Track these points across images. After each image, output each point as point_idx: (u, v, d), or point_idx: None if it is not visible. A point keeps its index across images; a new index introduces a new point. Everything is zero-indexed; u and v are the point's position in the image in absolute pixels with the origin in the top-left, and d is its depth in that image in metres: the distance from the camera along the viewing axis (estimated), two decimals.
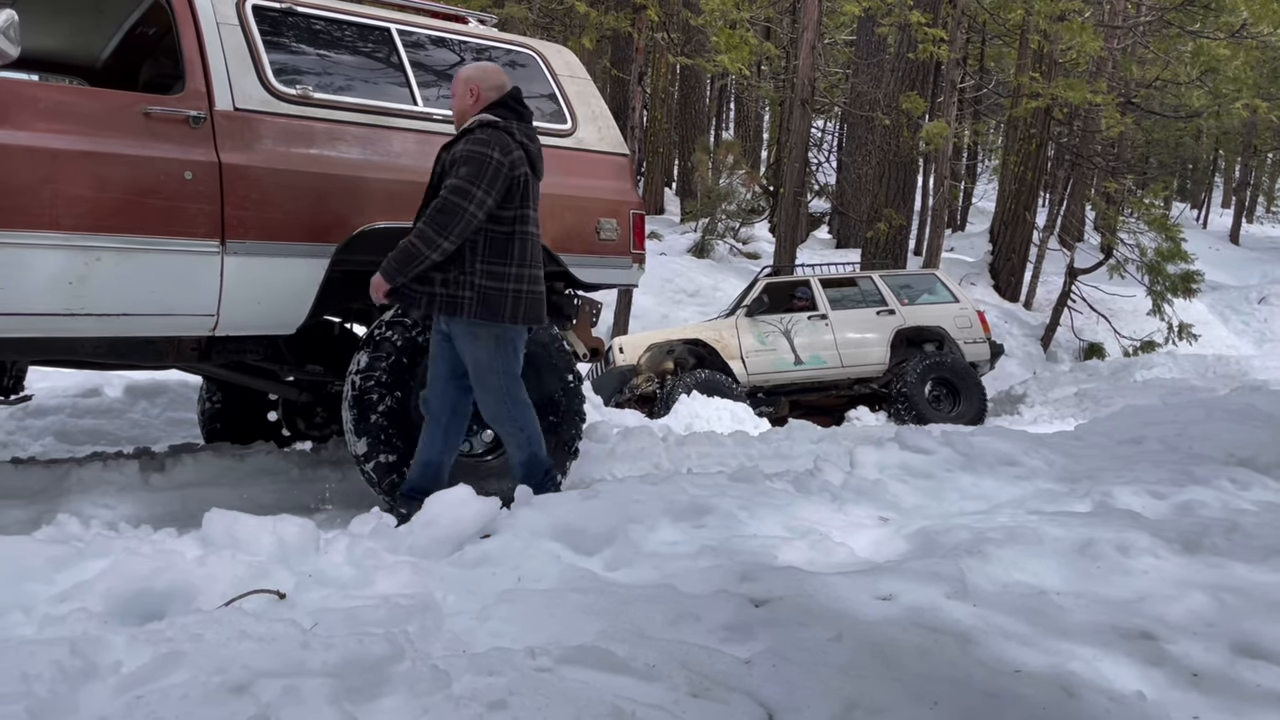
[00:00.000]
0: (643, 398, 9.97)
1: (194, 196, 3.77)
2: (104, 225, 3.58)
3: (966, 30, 17.18)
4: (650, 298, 14.84)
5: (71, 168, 3.52)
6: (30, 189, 3.44)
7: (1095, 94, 15.61)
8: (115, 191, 3.60)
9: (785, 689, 2.05)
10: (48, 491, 4.30)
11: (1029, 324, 17.91)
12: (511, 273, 3.76)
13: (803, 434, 6.83)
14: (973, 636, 2.33)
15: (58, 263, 3.50)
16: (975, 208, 28.60)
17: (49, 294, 3.51)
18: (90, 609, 2.37)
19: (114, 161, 3.61)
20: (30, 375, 4.77)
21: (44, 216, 3.46)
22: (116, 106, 3.72)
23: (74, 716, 1.80)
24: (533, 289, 3.83)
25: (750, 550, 3.01)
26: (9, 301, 3.45)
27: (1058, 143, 19.34)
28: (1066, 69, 18.31)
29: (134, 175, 3.65)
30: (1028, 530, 3.05)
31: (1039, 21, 14.98)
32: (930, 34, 13.82)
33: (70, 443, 6.15)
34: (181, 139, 3.78)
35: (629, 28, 14.85)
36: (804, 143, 15.50)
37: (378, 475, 4.00)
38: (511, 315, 3.75)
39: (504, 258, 3.76)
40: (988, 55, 24.37)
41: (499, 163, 3.67)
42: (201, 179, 3.79)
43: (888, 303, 10.77)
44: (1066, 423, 8.96)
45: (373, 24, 4.52)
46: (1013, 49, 20.66)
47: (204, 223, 3.79)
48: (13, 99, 3.49)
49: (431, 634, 2.34)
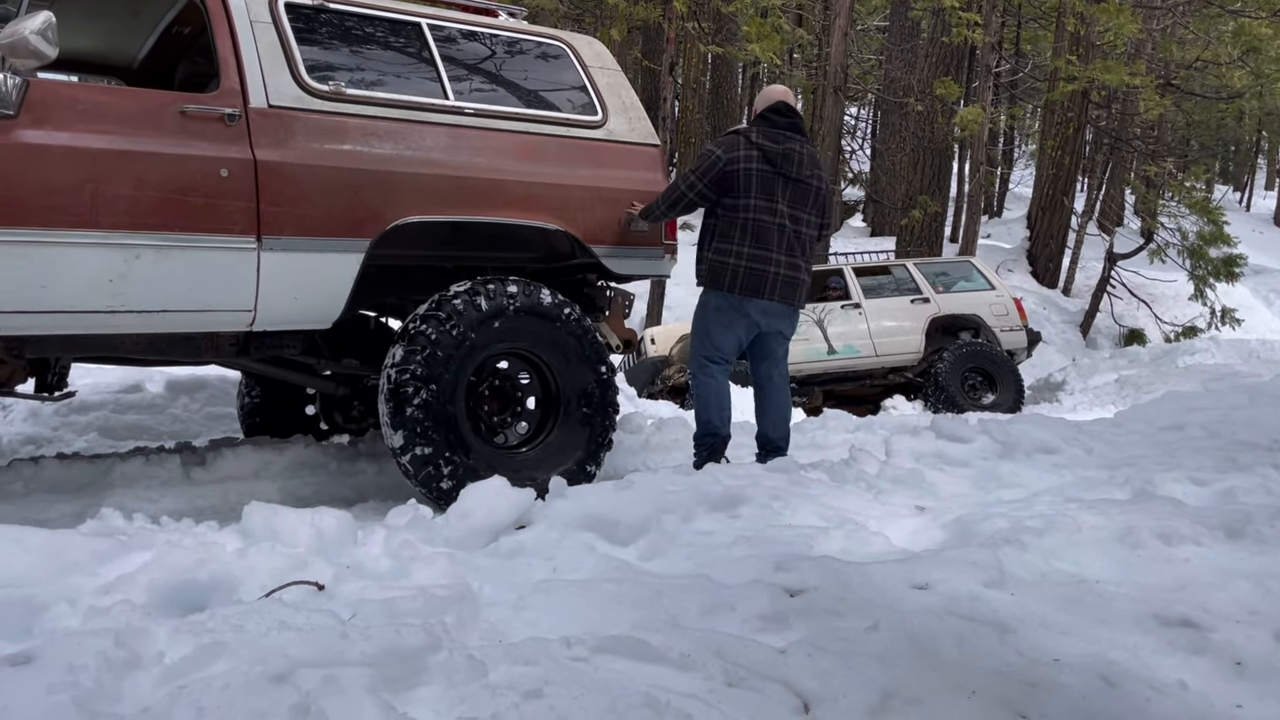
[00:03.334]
0: (675, 389, 9.96)
1: (230, 194, 3.81)
2: (143, 223, 3.63)
3: (1001, 14, 16.97)
4: (683, 288, 14.79)
5: (111, 167, 3.57)
6: (71, 188, 3.49)
7: (1134, 76, 15.39)
8: (153, 190, 3.65)
9: (821, 678, 2.04)
10: (92, 486, 4.37)
11: (1068, 310, 17.70)
12: (733, 250, 4.52)
13: (838, 423, 6.80)
14: (1011, 626, 2.31)
15: (98, 261, 3.56)
16: (1012, 193, 28.28)
17: (90, 291, 3.56)
18: (134, 601, 2.41)
19: (152, 160, 3.66)
20: (73, 372, 4.85)
21: (85, 215, 3.52)
22: (154, 106, 3.76)
23: (119, 706, 1.83)
24: (751, 265, 4.52)
25: (785, 540, 3.00)
26: (52, 299, 3.51)
27: (1096, 126, 19.07)
28: (1104, 51, 18.02)
29: (171, 174, 3.69)
30: (1067, 518, 3.02)
31: (1075, 3, 14.77)
32: (964, 18, 13.67)
33: (113, 438, 6.25)
34: (217, 137, 3.82)
35: (659, 18, 14.80)
36: (837, 130, 15.40)
37: (414, 468, 4.02)
38: (730, 285, 4.53)
39: (728, 239, 4.53)
40: (1023, 38, 24.07)
41: (716, 158, 4.51)
42: (237, 176, 3.83)
43: (922, 291, 10.68)
44: (1106, 410, 8.85)
45: (404, 19, 4.54)
46: (1049, 32, 20.39)
47: (240, 219, 3.83)
48: (53, 100, 3.55)
49: (468, 624, 2.36)
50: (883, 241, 18.24)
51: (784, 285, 4.56)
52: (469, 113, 4.45)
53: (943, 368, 10.02)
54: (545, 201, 4.54)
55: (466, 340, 4.13)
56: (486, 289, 4.23)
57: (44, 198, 3.44)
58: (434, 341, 4.08)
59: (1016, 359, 10.69)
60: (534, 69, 4.91)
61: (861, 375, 10.51)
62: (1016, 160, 30.93)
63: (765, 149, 4.49)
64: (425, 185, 4.23)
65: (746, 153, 4.48)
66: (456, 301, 4.16)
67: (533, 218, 4.51)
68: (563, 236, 4.63)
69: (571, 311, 4.45)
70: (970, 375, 10.21)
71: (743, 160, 4.47)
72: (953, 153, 18.23)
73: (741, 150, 4.49)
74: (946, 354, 10.13)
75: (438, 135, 4.33)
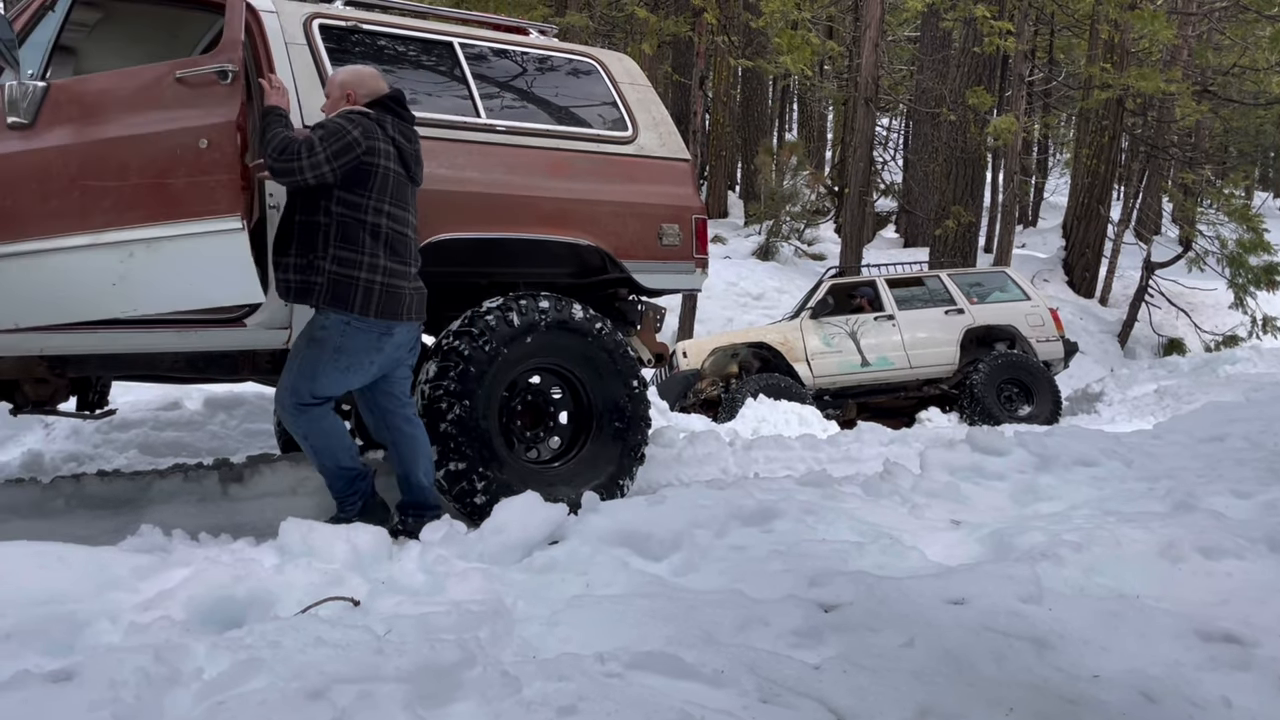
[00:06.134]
0: (707, 402, 9.94)
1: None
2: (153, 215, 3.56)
3: (1034, 22, 16.86)
4: (714, 301, 14.80)
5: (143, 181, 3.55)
6: (104, 183, 3.41)
7: (1170, 83, 15.20)
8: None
9: (856, 695, 2.03)
10: (132, 502, 4.44)
11: (1105, 320, 17.48)
12: (364, 261, 3.59)
13: (872, 436, 6.76)
14: (1049, 641, 2.28)
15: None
16: (1047, 203, 28.01)
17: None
18: (173, 617, 2.44)
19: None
20: (114, 390, 4.93)
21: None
22: (181, 142, 3.68)
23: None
24: (389, 281, 3.62)
25: (819, 555, 2.99)
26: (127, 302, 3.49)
27: (1131, 134, 18.87)
28: (1139, 58, 17.84)
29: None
30: (1106, 532, 2.98)
31: (1109, 10, 14.63)
32: (996, 27, 13.58)
33: (153, 455, 6.34)
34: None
35: (689, 32, 14.86)
36: (869, 141, 15.35)
37: (448, 483, 4.05)
38: (364, 306, 3.58)
39: (355, 247, 3.59)
40: (1057, 47, 23.88)
41: (354, 141, 3.53)
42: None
43: (956, 302, 10.60)
44: (1145, 421, 8.73)
45: (436, 39, 4.59)
46: (1082, 39, 20.21)
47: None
48: (64, 98, 3.42)
49: (502, 640, 2.37)
50: (916, 252, 18.12)
51: (418, 302, 3.78)
52: (501, 130, 4.49)
53: (978, 379, 9.93)
54: (577, 217, 4.56)
55: (499, 356, 4.16)
56: (519, 305, 4.26)
57: (81, 199, 3.37)
58: (467, 357, 4.10)
59: (1053, 370, 10.57)
60: (564, 85, 4.94)
61: (895, 387, 10.43)
62: (1051, 169, 30.65)
63: (402, 148, 3.73)
64: (458, 203, 4.26)
65: (385, 147, 3.65)
66: (489, 317, 4.19)
67: (564, 233, 4.53)
68: (594, 252, 4.65)
69: (603, 326, 4.46)
70: (1006, 387, 10.11)
71: (382, 155, 3.62)
72: (986, 162, 18.09)
73: (381, 143, 3.63)
74: (982, 365, 10.04)
75: (470, 153, 4.37)
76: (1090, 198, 18.27)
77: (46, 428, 6.56)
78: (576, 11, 14.18)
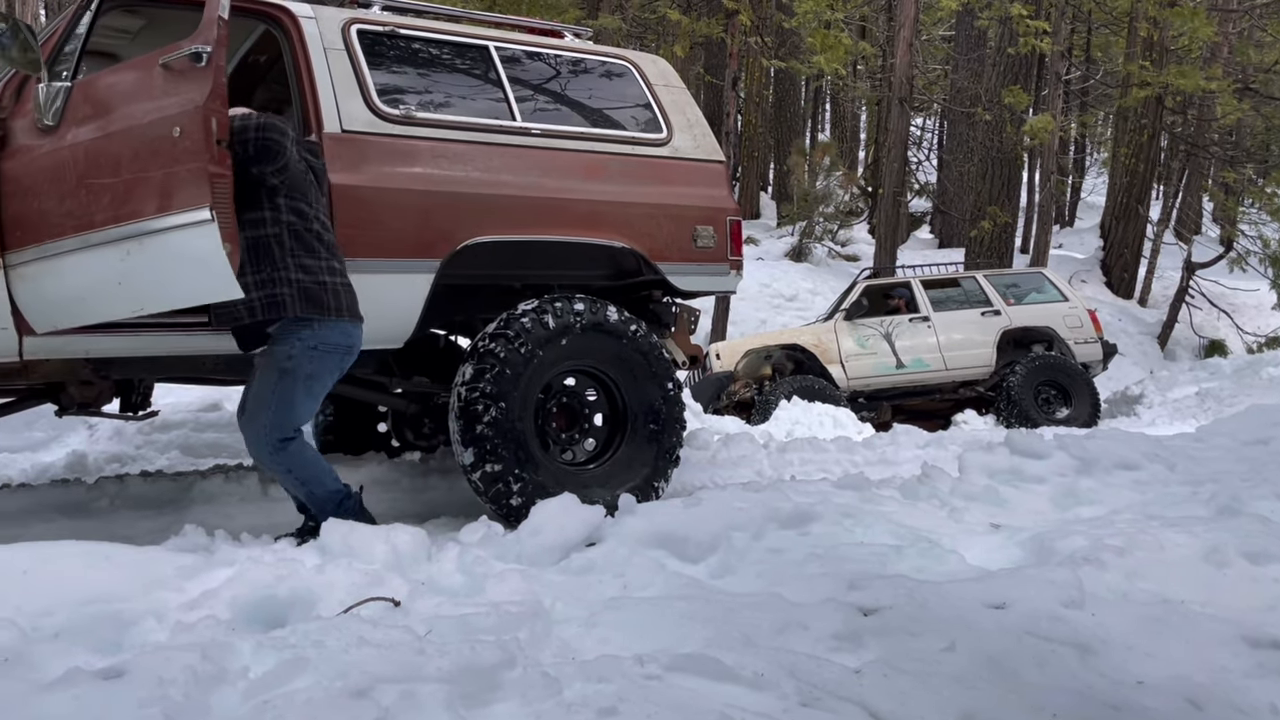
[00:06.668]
0: (741, 404, 9.93)
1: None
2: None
3: (1071, 20, 16.69)
4: (748, 303, 14.77)
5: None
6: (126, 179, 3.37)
7: (1210, 80, 15.00)
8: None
9: (897, 699, 2.02)
10: (175, 503, 4.50)
11: (1145, 321, 17.26)
12: (323, 265, 3.54)
13: (908, 439, 6.71)
14: (1092, 647, 2.26)
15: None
16: (1084, 202, 27.70)
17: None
18: (218, 616, 2.48)
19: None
20: (155, 391, 5.00)
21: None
22: (158, 132, 3.61)
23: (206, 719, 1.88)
24: (347, 281, 3.63)
25: (858, 558, 2.97)
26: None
27: (1171, 132, 18.62)
28: (1178, 56, 17.61)
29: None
30: (1149, 537, 2.95)
31: (1148, 8, 14.47)
32: (1032, 26, 13.45)
33: (194, 455, 6.42)
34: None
35: (721, 33, 14.84)
36: (903, 141, 15.25)
37: (484, 484, 4.07)
38: (336, 309, 3.54)
39: (311, 253, 3.54)
40: (1094, 45, 23.62)
41: (284, 148, 3.44)
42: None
43: (993, 303, 10.51)
44: (1187, 424, 8.61)
45: (472, 43, 4.62)
46: (1121, 37, 19.97)
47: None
48: (84, 96, 3.41)
49: (541, 641, 2.38)
50: (951, 253, 17.97)
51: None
52: (536, 133, 4.51)
53: (1015, 381, 9.84)
54: (611, 219, 4.57)
55: (534, 358, 4.17)
56: (554, 307, 4.27)
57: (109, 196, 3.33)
58: (503, 359, 4.12)
59: (1091, 372, 10.45)
60: (599, 88, 4.96)
61: (931, 389, 10.36)
62: (1088, 168, 30.31)
63: (310, 153, 3.71)
64: (494, 206, 4.29)
65: (300, 153, 3.60)
66: (524, 320, 4.21)
67: (599, 236, 4.54)
68: (629, 254, 4.66)
69: (638, 328, 4.46)
70: (1043, 389, 10.01)
71: (299, 161, 3.57)
72: (1022, 162, 17.91)
73: (295, 148, 3.55)
74: (1019, 367, 9.94)
75: (505, 156, 4.39)
76: (1129, 197, 18.05)
77: (90, 429, 6.66)
78: (609, 14, 14.20)
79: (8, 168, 3.42)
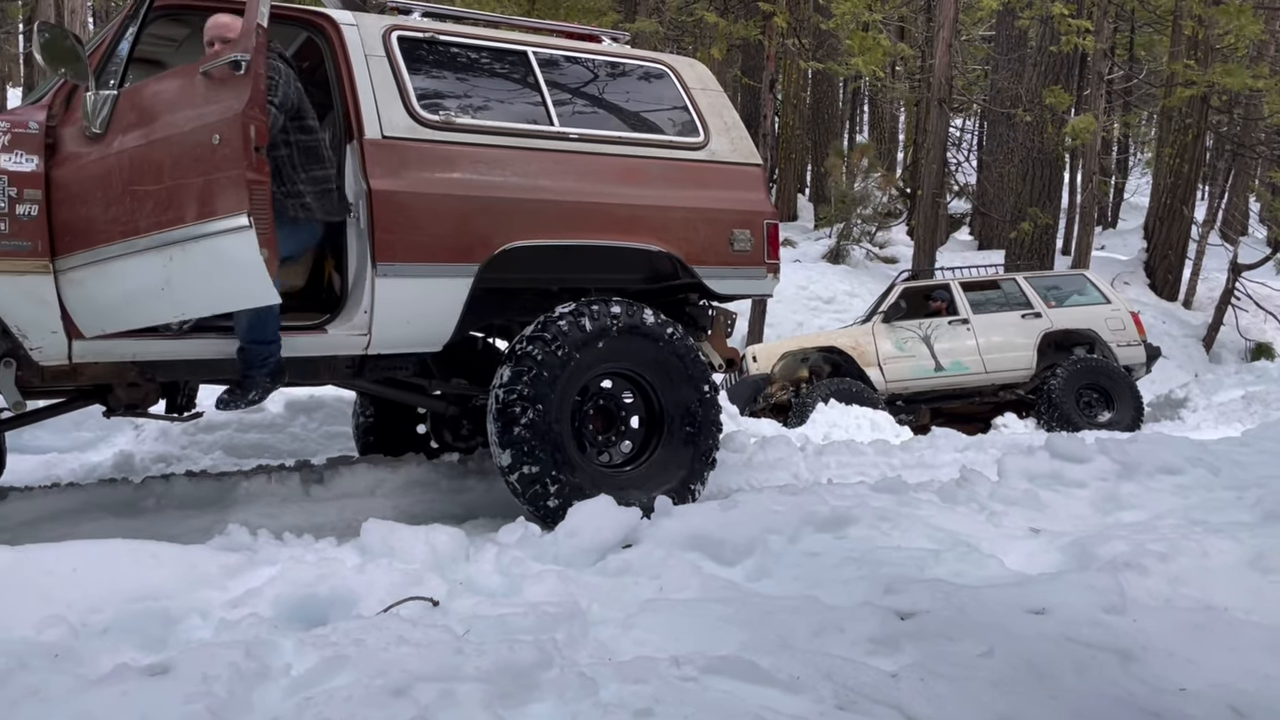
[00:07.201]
0: (777, 406, 9.89)
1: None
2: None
3: (1114, 19, 16.47)
4: (785, 305, 14.71)
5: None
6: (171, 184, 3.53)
7: (1257, 79, 14.72)
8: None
9: (934, 704, 2.01)
10: (219, 502, 4.57)
11: (1189, 324, 16.98)
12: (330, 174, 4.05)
13: (946, 442, 6.66)
14: (1133, 653, 2.24)
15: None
16: (1127, 203, 27.29)
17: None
18: (261, 614, 2.52)
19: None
20: (200, 393, 5.08)
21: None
22: (199, 140, 3.68)
23: (250, 716, 1.92)
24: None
25: (895, 562, 2.96)
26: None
27: (1217, 132, 18.31)
28: (1224, 54, 17.31)
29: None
30: (1192, 542, 2.91)
31: (1192, 6, 14.24)
32: (1074, 25, 13.29)
33: (237, 456, 6.52)
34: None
35: (759, 35, 14.81)
36: (942, 143, 15.11)
37: (521, 486, 4.10)
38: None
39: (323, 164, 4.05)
40: (1137, 44, 23.29)
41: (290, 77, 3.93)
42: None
43: (1033, 305, 10.39)
44: (1233, 428, 8.47)
45: (510, 48, 4.66)
46: (1164, 35, 19.68)
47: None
48: (128, 104, 3.51)
49: (578, 642, 2.39)
50: (991, 255, 17.78)
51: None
52: (573, 138, 4.53)
53: (1056, 384, 9.72)
54: (648, 223, 4.59)
55: (571, 361, 4.19)
56: (590, 310, 4.29)
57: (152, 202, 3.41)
58: (540, 362, 4.15)
59: (1134, 375, 10.30)
60: (636, 92, 4.97)
61: (970, 392, 10.26)
62: (1131, 169, 29.86)
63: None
64: (532, 210, 4.31)
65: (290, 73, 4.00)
66: (561, 323, 4.23)
67: (636, 240, 4.55)
68: (665, 258, 4.67)
69: (674, 331, 4.47)
70: (1085, 392, 9.88)
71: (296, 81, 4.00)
72: (1063, 163, 17.71)
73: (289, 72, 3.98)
74: (1060, 370, 9.82)
75: (543, 161, 4.42)
76: (1173, 198, 17.76)
77: (137, 429, 6.78)
78: (646, 17, 14.23)
79: (58, 175, 3.50)
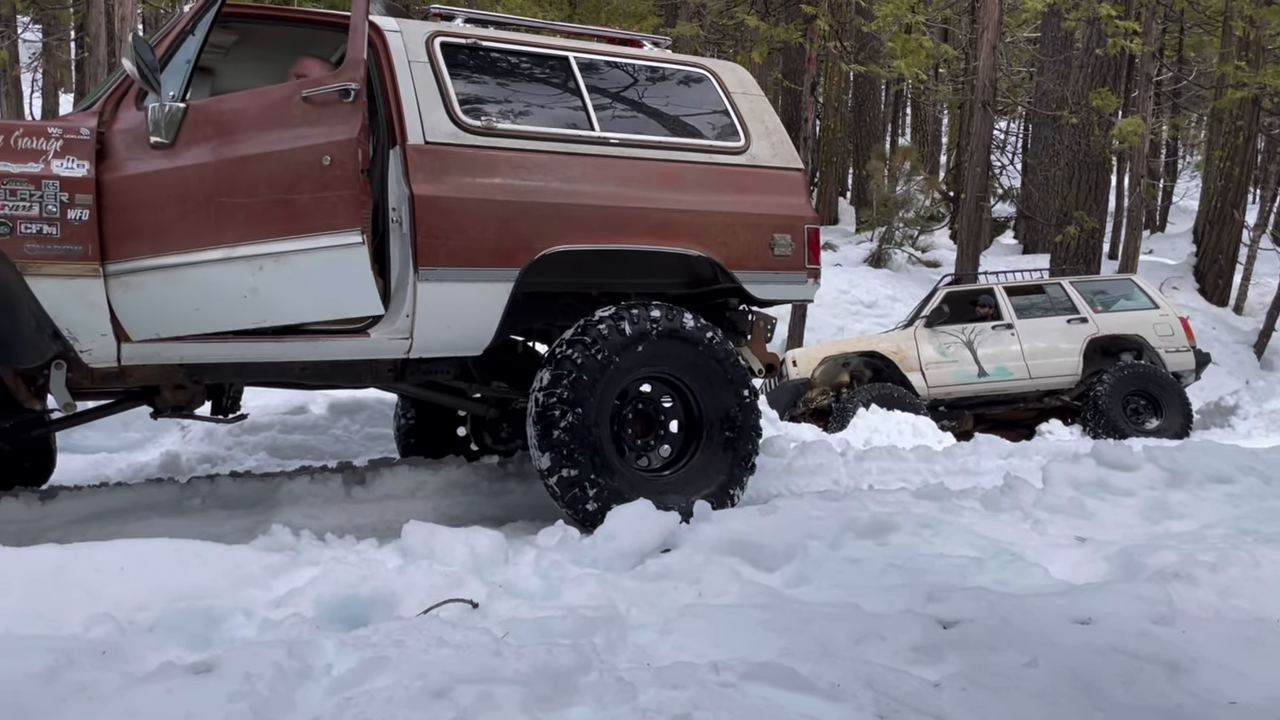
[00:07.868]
0: (817, 411, 9.83)
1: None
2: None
3: (1162, 20, 16.22)
4: (825, 310, 14.62)
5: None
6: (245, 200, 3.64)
7: None
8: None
9: (977, 714, 1.98)
10: (262, 503, 4.63)
11: (1240, 330, 16.65)
12: None
13: (990, 449, 6.58)
14: (1182, 665, 2.19)
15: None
16: (1176, 207, 26.83)
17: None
18: (303, 614, 2.55)
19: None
20: (245, 395, 5.15)
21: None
22: (306, 159, 3.82)
23: (292, 715, 1.93)
24: None
25: (937, 570, 2.93)
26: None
27: (1268, 134, 17.96)
28: (1276, 55, 16.96)
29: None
30: (1243, 552, 2.85)
31: (1243, 6, 13.98)
32: (1122, 27, 13.10)
33: (280, 457, 6.60)
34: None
35: (800, 38, 14.75)
36: (986, 146, 14.95)
37: (560, 489, 4.11)
38: None
39: None
40: (1187, 45, 22.91)
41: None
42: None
43: (1079, 310, 10.24)
44: None
45: (551, 53, 4.67)
46: (1214, 37, 19.35)
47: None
48: (201, 118, 3.63)
49: (616, 646, 2.39)
50: (1035, 259, 17.54)
51: None
52: (614, 143, 4.54)
53: (1103, 390, 9.57)
54: (688, 228, 4.58)
55: (611, 364, 4.20)
56: (630, 314, 4.30)
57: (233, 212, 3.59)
58: (579, 366, 4.16)
59: (1183, 382, 10.11)
60: (677, 96, 4.97)
61: (1014, 398, 10.14)
62: (1181, 172, 29.36)
63: None
64: (572, 215, 4.33)
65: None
66: (601, 326, 4.24)
67: (676, 244, 4.55)
68: (705, 262, 4.66)
69: (714, 336, 4.46)
70: (1133, 399, 9.71)
71: None
72: (1110, 166, 17.45)
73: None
74: (1106, 376, 9.67)
75: (584, 166, 4.43)
76: (1224, 201, 17.44)
77: (183, 430, 6.89)
78: (687, 21, 14.22)
79: (109, 180, 3.57)
